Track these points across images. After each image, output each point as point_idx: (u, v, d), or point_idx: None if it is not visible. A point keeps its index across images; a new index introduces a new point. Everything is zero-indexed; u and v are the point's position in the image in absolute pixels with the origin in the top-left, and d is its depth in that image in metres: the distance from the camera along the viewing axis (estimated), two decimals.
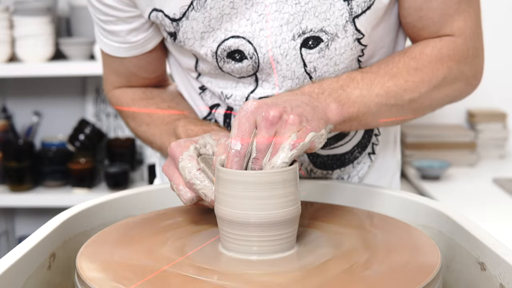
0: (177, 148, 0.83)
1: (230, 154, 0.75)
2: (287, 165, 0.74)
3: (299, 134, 0.75)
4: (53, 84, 2.70)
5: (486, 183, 2.22)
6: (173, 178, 0.83)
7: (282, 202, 0.72)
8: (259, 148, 0.75)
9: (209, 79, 1.01)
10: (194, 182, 0.80)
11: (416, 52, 0.95)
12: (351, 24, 0.92)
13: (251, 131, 0.75)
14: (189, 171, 0.80)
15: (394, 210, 0.92)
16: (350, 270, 0.69)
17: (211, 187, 0.79)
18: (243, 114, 0.76)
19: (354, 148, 1.03)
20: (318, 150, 1.01)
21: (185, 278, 0.68)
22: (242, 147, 0.75)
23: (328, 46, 0.93)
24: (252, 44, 0.93)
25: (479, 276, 0.74)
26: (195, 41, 0.95)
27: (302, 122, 0.77)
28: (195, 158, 0.82)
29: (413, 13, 0.96)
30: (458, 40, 0.96)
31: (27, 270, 0.73)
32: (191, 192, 0.81)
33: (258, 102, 0.76)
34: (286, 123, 0.76)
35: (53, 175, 2.48)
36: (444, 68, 0.94)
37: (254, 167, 0.75)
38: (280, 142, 0.75)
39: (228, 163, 0.75)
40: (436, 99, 0.96)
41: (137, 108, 1.06)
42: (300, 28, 0.92)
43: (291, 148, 0.74)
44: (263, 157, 0.75)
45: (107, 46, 1.05)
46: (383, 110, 0.92)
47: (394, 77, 0.92)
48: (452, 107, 2.60)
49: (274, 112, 0.75)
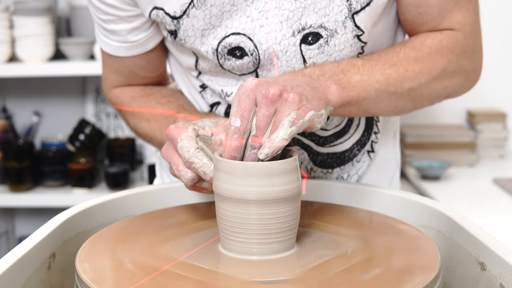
0: (176, 130, 0.83)
1: (230, 130, 0.75)
2: (286, 142, 0.74)
3: (299, 112, 0.76)
4: (53, 84, 2.70)
5: (486, 183, 2.22)
6: (172, 159, 0.84)
7: (282, 182, 0.73)
8: (259, 126, 0.76)
9: (209, 77, 1.01)
10: (193, 160, 0.80)
11: (417, 43, 0.96)
12: (350, 20, 0.93)
13: (251, 108, 0.76)
14: (188, 150, 0.80)
15: (394, 210, 0.92)
16: (350, 270, 0.69)
17: (210, 165, 0.79)
18: (243, 92, 0.76)
19: (354, 146, 1.04)
20: (319, 149, 1.02)
21: (185, 278, 0.68)
22: (242, 123, 0.75)
23: (327, 42, 0.94)
24: (253, 40, 0.93)
25: (479, 276, 0.74)
26: (195, 39, 0.95)
27: (302, 101, 0.77)
28: (193, 138, 0.82)
29: (412, 10, 0.97)
30: (458, 34, 0.97)
31: (27, 270, 0.73)
32: (191, 172, 0.81)
33: (258, 80, 0.77)
34: (286, 101, 0.76)
35: (53, 175, 2.48)
36: (444, 60, 0.95)
37: (254, 144, 0.76)
38: (279, 120, 0.75)
39: (228, 140, 0.75)
40: (435, 91, 0.97)
41: (137, 108, 1.06)
42: (299, 24, 0.92)
43: (291, 125, 0.75)
44: (262, 135, 0.76)
45: (107, 45, 1.05)
46: (382, 97, 0.92)
47: (395, 65, 0.93)
48: (452, 107, 2.60)
49: (274, 90, 0.76)
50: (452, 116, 2.62)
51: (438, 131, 2.47)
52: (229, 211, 0.74)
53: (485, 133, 2.50)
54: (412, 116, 2.59)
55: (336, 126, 1.01)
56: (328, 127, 1.01)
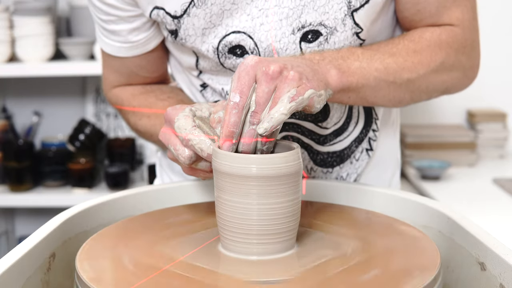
0: (173, 111, 0.84)
1: (229, 106, 0.76)
2: (286, 117, 0.74)
3: (299, 90, 0.76)
4: (53, 84, 2.70)
5: (486, 183, 2.22)
6: (170, 140, 0.83)
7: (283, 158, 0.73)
8: (258, 102, 0.76)
9: (210, 77, 1.01)
10: (190, 138, 0.80)
11: (415, 35, 0.97)
12: (349, 18, 0.93)
13: (250, 84, 0.76)
14: (185, 128, 0.81)
15: (394, 210, 0.92)
16: (350, 270, 0.69)
17: (208, 142, 0.79)
18: (243, 68, 0.77)
19: (352, 143, 1.04)
20: (319, 148, 1.02)
21: (185, 278, 0.68)
22: (241, 99, 0.76)
23: (327, 40, 0.94)
24: (253, 39, 0.94)
25: (479, 276, 0.74)
26: (196, 38, 0.95)
27: (302, 79, 0.78)
28: (190, 117, 0.82)
29: (410, 8, 0.97)
30: (457, 30, 0.98)
31: (27, 270, 0.73)
32: (188, 150, 0.81)
33: (258, 57, 0.78)
34: (286, 78, 0.77)
35: (53, 175, 2.48)
36: (442, 53, 0.96)
37: (253, 120, 0.76)
38: (279, 96, 0.76)
39: (226, 115, 0.76)
40: (433, 83, 0.98)
41: (136, 108, 1.06)
42: (299, 22, 0.93)
43: (290, 101, 0.75)
44: (262, 111, 0.76)
45: (108, 46, 1.05)
46: (381, 86, 0.93)
47: (394, 56, 0.94)
48: (452, 107, 2.61)
49: (274, 67, 0.77)
50: (452, 116, 2.62)
51: (438, 131, 2.47)
52: (228, 187, 0.73)
53: (485, 133, 2.50)
54: (412, 116, 2.59)
55: (335, 124, 1.01)
56: (328, 125, 1.01)
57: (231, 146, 0.76)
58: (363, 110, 1.03)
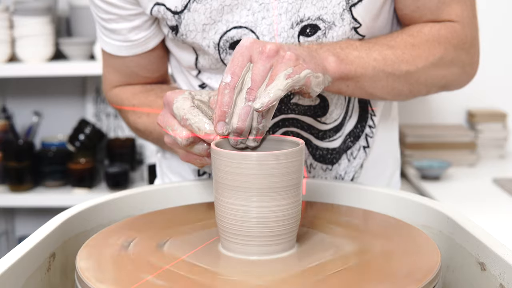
0: (172, 94, 0.84)
1: (221, 87, 0.77)
2: (282, 93, 0.75)
3: (295, 69, 0.77)
4: (53, 84, 2.70)
5: (486, 183, 2.22)
6: (168, 122, 0.83)
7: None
8: (254, 79, 0.77)
9: (209, 76, 1.01)
10: (188, 117, 0.80)
11: (414, 30, 0.98)
12: (348, 13, 0.94)
13: (243, 65, 0.78)
14: (183, 108, 0.81)
15: (394, 210, 0.92)
16: (349, 270, 0.69)
17: (205, 120, 0.79)
18: (238, 50, 0.78)
19: (346, 138, 1.04)
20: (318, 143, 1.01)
21: (185, 278, 0.68)
22: (232, 79, 0.77)
23: (325, 34, 0.95)
24: (255, 32, 0.95)
25: (479, 276, 0.74)
26: (197, 33, 0.96)
27: (299, 60, 0.79)
28: (189, 99, 0.82)
29: (410, 4, 0.98)
30: (456, 26, 0.98)
31: (27, 270, 0.73)
32: (186, 130, 0.81)
33: (254, 39, 0.79)
34: (282, 58, 0.78)
35: (53, 175, 2.47)
36: (441, 48, 0.97)
37: (249, 97, 0.77)
38: (275, 74, 0.77)
39: (219, 96, 0.77)
40: (432, 77, 0.98)
41: (136, 108, 1.06)
42: (298, 17, 0.94)
43: (286, 78, 0.76)
44: (257, 88, 0.77)
45: (108, 45, 1.05)
46: (380, 76, 0.94)
47: (392, 48, 0.95)
48: (452, 107, 2.60)
49: (271, 46, 0.78)
50: (452, 116, 2.62)
51: (438, 131, 2.47)
52: (227, 187, 0.73)
53: (485, 133, 2.50)
54: (412, 116, 2.59)
55: (335, 120, 1.02)
56: (327, 121, 1.01)
57: (224, 126, 0.77)
58: (358, 105, 1.04)
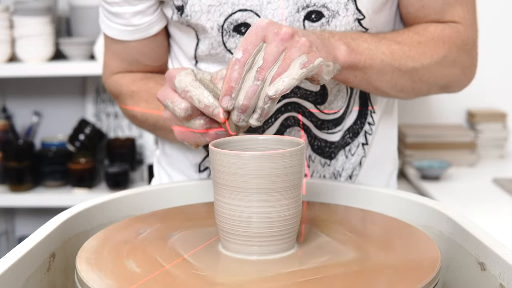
0: (175, 70, 0.84)
1: (231, 62, 0.77)
2: (296, 82, 0.75)
3: (309, 57, 0.78)
4: (53, 84, 2.70)
5: (486, 183, 2.22)
6: (168, 96, 0.84)
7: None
8: (266, 59, 0.77)
9: (207, 66, 1.02)
10: (189, 89, 0.80)
11: (420, 28, 1.00)
12: (352, 3, 0.95)
13: (256, 43, 0.78)
14: (185, 81, 0.81)
15: (394, 210, 0.92)
16: (349, 270, 0.69)
17: (206, 93, 0.79)
18: (253, 28, 0.79)
19: (345, 133, 1.04)
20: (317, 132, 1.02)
21: (185, 278, 0.68)
22: (244, 56, 0.77)
23: (328, 22, 0.96)
24: (260, 16, 0.95)
25: (479, 276, 0.74)
26: (201, 14, 0.96)
27: (312, 47, 0.80)
28: (192, 74, 0.83)
29: (415, 3, 1.00)
30: (459, 27, 1.00)
31: (27, 270, 0.73)
32: (185, 102, 0.81)
33: (270, 20, 0.80)
34: (297, 43, 0.78)
35: (53, 175, 2.48)
36: (445, 47, 0.98)
37: (258, 76, 0.77)
38: (289, 57, 0.77)
39: (228, 70, 0.77)
40: (435, 76, 0.99)
41: (137, 107, 1.06)
42: (304, 2, 0.95)
43: (301, 67, 0.76)
44: (268, 68, 0.77)
45: (111, 29, 1.06)
46: (386, 70, 0.95)
47: (399, 44, 0.97)
48: (452, 107, 2.60)
49: (286, 29, 0.79)
50: (452, 116, 2.62)
51: (438, 131, 2.47)
52: (226, 187, 0.73)
53: (485, 133, 2.50)
54: (412, 116, 2.59)
55: (335, 112, 1.02)
56: (326, 110, 1.02)
57: (230, 101, 0.78)
58: (359, 101, 1.04)
